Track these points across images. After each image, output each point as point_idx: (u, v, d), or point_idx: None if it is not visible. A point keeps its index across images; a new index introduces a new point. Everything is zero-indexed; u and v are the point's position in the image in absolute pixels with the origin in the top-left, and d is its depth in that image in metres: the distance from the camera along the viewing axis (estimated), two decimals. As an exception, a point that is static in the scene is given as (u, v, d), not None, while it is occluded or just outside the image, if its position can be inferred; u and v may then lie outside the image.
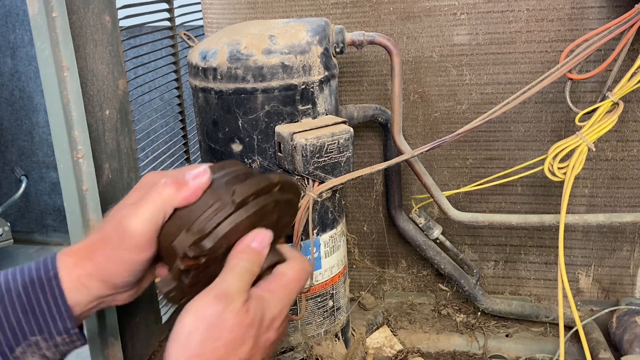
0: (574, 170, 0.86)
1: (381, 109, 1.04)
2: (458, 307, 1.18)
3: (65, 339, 0.54)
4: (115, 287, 0.55)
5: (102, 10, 0.83)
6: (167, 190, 0.53)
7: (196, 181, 0.53)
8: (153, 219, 0.52)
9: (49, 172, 2.35)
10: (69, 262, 0.55)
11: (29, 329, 0.53)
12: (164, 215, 0.53)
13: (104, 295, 0.55)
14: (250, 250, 0.52)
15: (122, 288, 0.56)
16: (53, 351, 0.54)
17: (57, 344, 0.54)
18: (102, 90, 0.84)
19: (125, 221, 0.52)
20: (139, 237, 0.52)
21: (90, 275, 0.54)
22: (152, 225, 0.52)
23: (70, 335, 0.54)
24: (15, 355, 0.52)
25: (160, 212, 0.52)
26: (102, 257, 0.54)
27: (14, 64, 2.23)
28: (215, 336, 0.48)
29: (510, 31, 0.99)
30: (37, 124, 2.30)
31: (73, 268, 0.54)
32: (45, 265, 0.55)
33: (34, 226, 2.46)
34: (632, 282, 1.10)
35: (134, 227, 0.52)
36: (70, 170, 0.76)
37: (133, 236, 0.52)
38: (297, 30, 0.82)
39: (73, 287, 0.54)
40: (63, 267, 0.54)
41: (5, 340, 0.52)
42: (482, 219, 0.99)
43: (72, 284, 0.54)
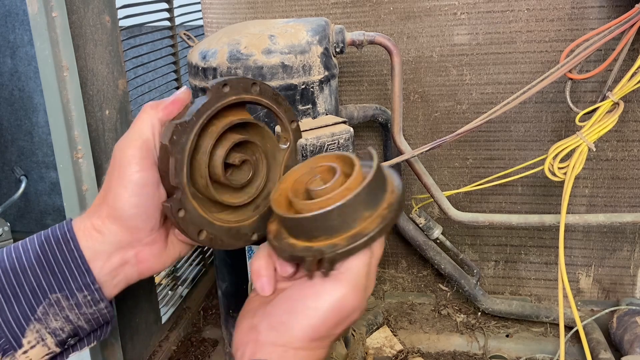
0: (574, 170, 0.86)
1: (381, 108, 1.04)
2: (458, 307, 1.18)
3: (87, 297, 0.53)
4: (130, 228, 0.54)
5: (101, 10, 0.83)
6: (150, 108, 0.54)
7: (176, 94, 0.56)
8: (143, 134, 0.53)
9: (48, 172, 2.35)
10: (83, 216, 0.55)
11: (48, 286, 0.52)
12: (152, 129, 0.54)
13: (123, 244, 0.54)
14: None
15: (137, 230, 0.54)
16: (76, 313, 0.53)
17: (79, 303, 0.53)
18: (102, 90, 0.84)
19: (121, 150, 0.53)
20: (133, 152, 0.53)
21: (103, 218, 0.54)
22: (143, 140, 0.53)
23: (92, 293, 0.53)
24: (36, 316, 0.51)
25: (147, 127, 0.54)
26: (110, 191, 0.54)
27: (14, 64, 2.23)
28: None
29: (511, 31, 0.99)
30: (36, 124, 2.29)
31: (87, 218, 0.55)
32: (61, 225, 0.55)
33: (34, 226, 2.46)
34: (632, 282, 1.10)
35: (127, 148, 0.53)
36: (70, 170, 0.76)
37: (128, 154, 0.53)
38: (297, 30, 0.81)
39: (87, 237, 0.54)
40: (77, 221, 0.55)
41: (25, 299, 0.51)
42: (483, 219, 0.99)
43: (87, 233, 0.54)
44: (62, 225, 0.55)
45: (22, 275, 0.52)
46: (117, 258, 0.54)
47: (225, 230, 0.57)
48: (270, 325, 0.50)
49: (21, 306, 0.51)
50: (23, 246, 0.54)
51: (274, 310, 0.51)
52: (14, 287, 0.51)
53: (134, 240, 0.55)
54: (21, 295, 0.51)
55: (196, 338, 1.18)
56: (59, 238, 0.53)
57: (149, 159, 0.53)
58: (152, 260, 0.57)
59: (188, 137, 0.53)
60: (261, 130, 0.61)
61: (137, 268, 0.56)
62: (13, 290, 0.51)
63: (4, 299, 0.51)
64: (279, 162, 0.63)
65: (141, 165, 0.52)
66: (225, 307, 0.97)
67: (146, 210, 0.53)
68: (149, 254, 0.56)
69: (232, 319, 0.95)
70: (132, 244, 0.55)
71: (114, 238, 0.54)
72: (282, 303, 0.51)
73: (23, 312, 0.51)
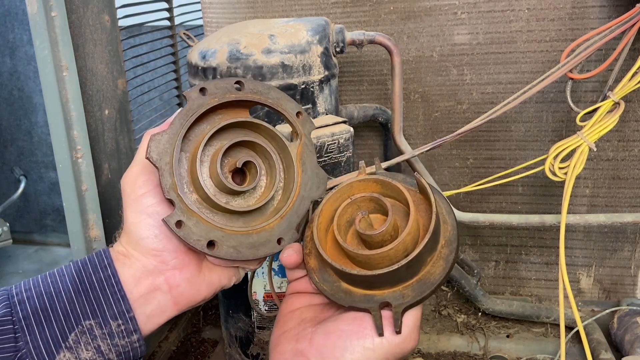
0: (574, 170, 0.86)
1: (381, 108, 1.04)
2: (459, 307, 1.18)
3: (120, 327, 0.51)
4: (150, 251, 0.53)
5: (101, 10, 0.83)
6: (147, 135, 0.55)
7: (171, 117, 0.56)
8: (142, 160, 0.54)
9: (48, 172, 2.35)
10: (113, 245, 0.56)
11: (82, 312, 0.50)
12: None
13: (150, 268, 0.53)
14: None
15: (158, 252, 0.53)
16: (108, 344, 0.51)
17: (112, 333, 0.51)
18: (101, 90, 0.84)
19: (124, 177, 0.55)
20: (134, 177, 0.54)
21: (124, 244, 0.54)
22: (142, 165, 0.54)
23: (126, 322, 0.51)
24: (67, 344, 0.49)
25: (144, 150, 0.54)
26: (125, 219, 0.54)
27: (13, 64, 2.22)
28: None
29: (511, 30, 0.98)
30: (36, 124, 2.29)
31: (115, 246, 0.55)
32: (98, 252, 0.55)
33: (33, 226, 2.46)
34: (633, 283, 1.10)
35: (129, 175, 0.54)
36: (69, 170, 0.76)
37: (130, 180, 0.54)
38: (297, 29, 0.81)
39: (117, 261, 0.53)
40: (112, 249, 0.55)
41: (57, 324, 0.50)
42: (483, 219, 0.98)
43: (115, 257, 0.54)
44: (99, 252, 0.54)
45: (56, 298, 0.50)
46: (146, 283, 0.53)
47: (244, 238, 0.54)
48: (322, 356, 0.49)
49: (52, 331, 0.49)
50: (59, 271, 0.53)
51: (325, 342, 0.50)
52: (47, 311, 0.50)
53: (161, 264, 0.54)
54: (53, 320, 0.50)
55: (196, 338, 1.18)
56: (96, 263, 0.53)
57: (152, 181, 0.53)
58: (185, 286, 0.55)
59: (170, 148, 0.52)
60: (263, 129, 0.58)
61: (170, 296, 0.54)
62: (46, 314, 0.50)
63: (35, 323, 0.49)
64: (293, 158, 0.59)
65: (144, 188, 0.53)
66: (225, 307, 0.96)
67: (160, 231, 0.53)
68: (180, 278, 0.54)
69: (232, 319, 0.95)
70: (160, 268, 0.54)
71: (139, 263, 0.53)
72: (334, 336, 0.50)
73: (54, 338, 0.49)
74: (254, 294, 0.89)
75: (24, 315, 0.49)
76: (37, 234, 2.42)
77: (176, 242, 0.53)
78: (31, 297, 0.50)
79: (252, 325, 0.92)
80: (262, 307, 0.89)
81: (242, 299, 0.92)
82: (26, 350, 0.49)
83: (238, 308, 0.93)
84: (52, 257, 2.28)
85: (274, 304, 0.89)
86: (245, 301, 0.91)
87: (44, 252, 2.32)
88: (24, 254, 2.32)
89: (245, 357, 0.95)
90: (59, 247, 2.33)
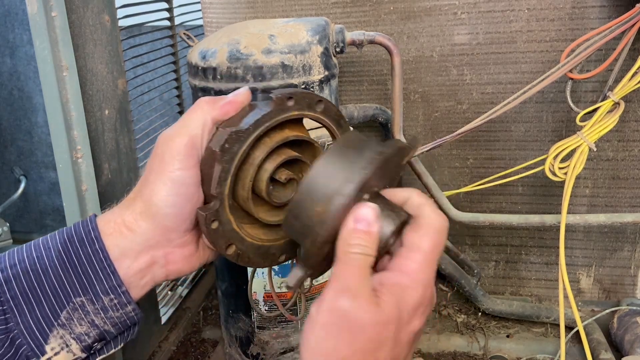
0: (574, 170, 0.86)
1: (381, 108, 1.04)
2: (459, 307, 1.18)
3: (113, 301, 0.49)
4: (163, 228, 0.50)
5: (101, 10, 0.83)
6: (205, 104, 0.51)
7: (235, 94, 0.51)
8: (192, 130, 0.50)
9: (48, 172, 2.35)
10: (114, 210, 0.52)
11: (72, 289, 0.48)
12: (202, 127, 0.50)
13: (153, 243, 0.51)
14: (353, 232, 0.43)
15: (171, 230, 0.51)
16: (102, 317, 0.49)
17: (105, 307, 0.49)
18: (101, 90, 0.84)
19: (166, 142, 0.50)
20: (178, 148, 0.49)
21: (136, 214, 0.50)
22: (190, 137, 0.49)
23: (118, 296, 0.49)
24: (60, 321, 0.48)
25: (198, 123, 0.50)
26: (147, 185, 0.50)
27: (13, 64, 2.23)
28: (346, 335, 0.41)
29: (511, 31, 0.98)
30: (36, 124, 2.29)
31: (118, 213, 0.51)
32: (84, 221, 0.51)
33: (33, 226, 2.46)
34: (633, 283, 1.10)
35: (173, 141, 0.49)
36: (69, 170, 0.76)
37: (173, 149, 0.49)
38: (297, 29, 0.81)
39: (116, 233, 0.50)
40: (105, 217, 0.51)
41: (47, 304, 0.48)
42: (483, 219, 0.98)
43: (116, 229, 0.50)
44: (85, 222, 0.51)
45: (44, 276, 0.48)
46: (145, 257, 0.51)
47: (255, 248, 0.53)
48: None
49: (43, 310, 0.48)
50: (44, 244, 0.50)
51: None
52: (35, 290, 0.48)
53: (165, 240, 0.51)
54: (43, 299, 0.48)
55: (196, 338, 1.18)
56: (83, 237, 0.50)
57: (193, 158, 0.49)
58: (182, 263, 0.53)
59: (240, 147, 0.49)
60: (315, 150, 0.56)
61: (166, 269, 0.53)
62: (34, 293, 0.48)
63: (24, 303, 0.48)
64: None
65: (184, 164, 0.49)
66: (225, 307, 0.96)
67: (182, 211, 0.50)
68: (180, 255, 0.53)
69: (232, 319, 0.95)
70: (163, 244, 0.51)
71: (144, 236, 0.50)
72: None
73: (45, 317, 0.48)
74: (254, 294, 0.89)
75: (12, 296, 0.48)
76: (37, 234, 2.42)
77: (189, 223, 0.51)
78: (17, 275, 0.49)
79: (252, 325, 0.92)
80: (262, 307, 0.89)
81: (242, 299, 0.92)
82: (17, 330, 0.48)
83: (238, 308, 0.93)
84: (52, 257, 2.27)
85: (274, 304, 0.89)
86: (245, 301, 0.91)
87: (44, 252, 2.32)
88: (24, 254, 2.31)
89: (245, 357, 0.95)
90: (59, 247, 2.33)
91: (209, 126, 0.50)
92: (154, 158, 0.50)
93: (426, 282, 0.43)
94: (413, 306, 0.42)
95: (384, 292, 0.42)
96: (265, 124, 0.49)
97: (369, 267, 0.43)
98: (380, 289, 0.42)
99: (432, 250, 0.44)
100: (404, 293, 0.42)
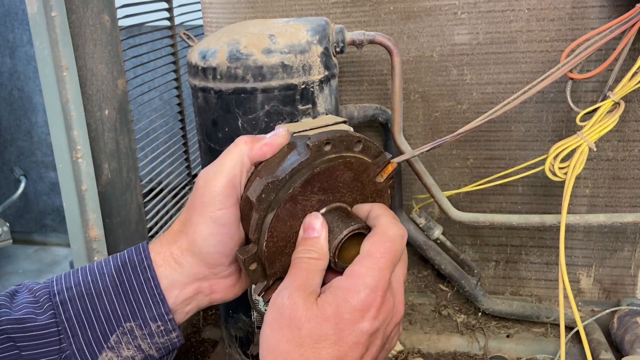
0: (574, 170, 0.86)
1: (381, 108, 1.04)
2: (459, 307, 1.18)
3: (160, 327, 0.52)
4: (208, 264, 0.53)
5: (101, 10, 0.83)
6: (243, 144, 0.53)
7: (273, 135, 0.53)
8: (230, 170, 0.52)
9: (48, 172, 2.35)
10: (163, 241, 0.54)
11: (123, 314, 0.51)
12: (240, 167, 0.52)
13: (199, 277, 0.54)
14: (302, 240, 0.50)
15: (215, 265, 0.54)
16: (148, 342, 0.52)
17: (152, 333, 0.52)
18: (101, 90, 0.84)
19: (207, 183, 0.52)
20: (218, 189, 0.51)
21: (182, 250, 0.53)
22: (229, 178, 0.51)
23: (165, 323, 0.52)
24: (109, 344, 0.51)
25: (237, 163, 0.52)
26: (190, 225, 0.53)
27: (13, 64, 2.23)
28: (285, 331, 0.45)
29: (511, 30, 0.98)
30: (36, 124, 2.29)
31: (167, 246, 0.54)
32: (137, 249, 0.54)
33: (33, 226, 2.46)
34: (633, 283, 1.10)
35: (213, 182, 0.52)
36: (69, 170, 0.76)
37: (213, 190, 0.51)
38: (297, 29, 0.81)
39: (166, 265, 0.53)
40: (155, 248, 0.54)
41: (99, 327, 0.51)
42: (483, 219, 0.98)
43: (166, 261, 0.53)
44: (138, 249, 0.54)
45: (98, 301, 0.51)
46: (192, 288, 0.54)
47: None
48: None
49: (95, 333, 0.51)
50: (99, 268, 0.53)
51: None
52: (89, 313, 0.51)
53: (211, 274, 0.54)
54: (95, 322, 0.51)
55: (196, 338, 1.18)
56: (136, 265, 0.53)
57: (233, 197, 0.52)
58: (225, 291, 0.56)
59: (277, 196, 0.49)
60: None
61: (210, 297, 0.56)
62: (88, 316, 0.51)
63: (78, 325, 0.51)
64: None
65: (224, 204, 0.51)
66: (225, 307, 0.96)
67: (225, 248, 0.53)
68: (223, 285, 0.56)
69: (232, 319, 0.95)
70: (209, 277, 0.55)
71: (191, 270, 0.53)
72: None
73: (96, 340, 0.51)
74: (254, 294, 0.89)
75: (67, 317, 0.51)
76: (37, 234, 2.42)
77: (232, 259, 0.54)
78: (73, 298, 0.51)
79: (252, 325, 0.92)
80: (262, 307, 0.89)
81: (242, 299, 0.92)
82: (70, 351, 0.50)
83: (238, 308, 0.93)
84: (52, 257, 2.28)
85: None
86: (245, 301, 0.91)
87: (44, 252, 2.32)
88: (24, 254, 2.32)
89: (245, 357, 0.95)
90: (59, 247, 2.33)
91: (247, 166, 0.52)
92: (195, 197, 0.53)
93: (373, 286, 0.45)
94: (355, 307, 0.45)
95: (327, 293, 0.46)
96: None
97: (315, 270, 0.48)
98: (326, 289, 0.46)
99: (382, 255, 0.47)
100: (345, 294, 0.45)
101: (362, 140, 0.52)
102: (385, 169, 0.54)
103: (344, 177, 0.52)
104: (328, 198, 0.52)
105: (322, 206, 0.52)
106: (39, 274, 2.17)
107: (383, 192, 0.55)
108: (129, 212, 0.92)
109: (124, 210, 0.91)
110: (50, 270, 2.19)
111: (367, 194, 0.54)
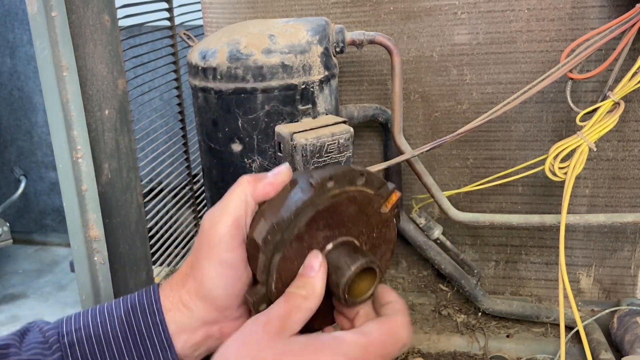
0: (574, 170, 0.86)
1: (381, 108, 1.04)
2: (458, 307, 1.18)
3: None
4: (218, 307, 0.53)
5: (101, 10, 0.83)
6: (246, 183, 0.53)
7: (275, 174, 0.53)
8: (235, 211, 0.52)
9: (48, 172, 2.35)
10: (172, 284, 0.54)
11: (130, 358, 0.51)
12: (245, 207, 0.52)
13: (209, 320, 0.53)
14: (298, 276, 0.50)
15: (224, 308, 0.53)
16: None
17: None
18: (101, 90, 0.84)
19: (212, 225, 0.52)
20: (224, 231, 0.51)
21: (191, 294, 0.53)
22: (234, 219, 0.51)
23: None
24: None
25: (241, 204, 0.52)
26: (198, 268, 0.53)
27: (13, 64, 2.23)
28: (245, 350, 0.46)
29: (511, 30, 0.98)
30: (36, 124, 2.29)
31: (176, 290, 0.54)
32: (147, 291, 0.54)
33: (33, 226, 2.46)
34: (633, 283, 1.10)
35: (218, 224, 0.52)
36: (69, 170, 0.76)
37: (219, 232, 0.51)
38: (297, 29, 0.81)
39: (175, 310, 0.53)
40: (164, 292, 0.54)
41: None
42: (483, 219, 0.98)
43: (175, 305, 0.53)
44: (149, 292, 0.54)
45: (105, 343, 0.51)
46: (201, 332, 0.54)
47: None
48: None
49: None
50: (108, 310, 0.53)
51: None
52: (96, 356, 0.51)
53: (221, 317, 0.54)
54: None
55: None
56: (145, 308, 0.53)
57: (238, 238, 0.52)
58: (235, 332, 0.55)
59: (282, 236, 0.49)
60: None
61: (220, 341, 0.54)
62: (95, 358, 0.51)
63: None
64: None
65: (230, 245, 0.51)
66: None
67: (233, 290, 0.53)
68: (233, 327, 0.55)
69: (232, 319, 0.95)
70: (218, 320, 0.54)
71: (200, 314, 0.53)
72: None
73: None
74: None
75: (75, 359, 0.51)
76: (37, 233, 2.43)
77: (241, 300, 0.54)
78: (81, 340, 0.52)
79: None
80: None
81: (242, 299, 0.92)
82: None
83: (238, 308, 0.93)
84: (52, 257, 2.28)
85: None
86: (245, 301, 0.91)
87: (44, 252, 2.33)
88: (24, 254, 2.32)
89: None
90: (59, 247, 2.33)
91: (251, 206, 0.52)
92: (201, 239, 0.53)
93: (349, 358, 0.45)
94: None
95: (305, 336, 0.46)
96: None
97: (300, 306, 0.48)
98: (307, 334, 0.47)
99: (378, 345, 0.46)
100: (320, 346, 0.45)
101: (365, 174, 0.52)
102: (389, 199, 0.54)
103: (349, 212, 0.52)
104: (334, 233, 0.52)
105: (328, 242, 0.51)
106: (39, 274, 2.17)
107: (389, 222, 0.55)
108: (129, 212, 0.92)
109: (124, 210, 0.91)
110: (50, 270, 2.19)
111: (373, 225, 0.54)
